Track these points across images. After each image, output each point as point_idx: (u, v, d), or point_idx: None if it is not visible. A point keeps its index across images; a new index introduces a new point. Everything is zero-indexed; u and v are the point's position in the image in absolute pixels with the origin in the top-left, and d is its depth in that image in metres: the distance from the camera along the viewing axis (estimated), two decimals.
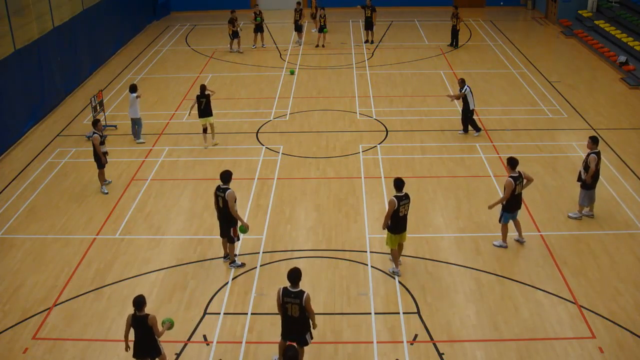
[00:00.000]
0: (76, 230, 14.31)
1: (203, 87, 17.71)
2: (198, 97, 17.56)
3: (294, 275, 9.51)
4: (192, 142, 18.47)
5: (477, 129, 18.46)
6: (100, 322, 11.36)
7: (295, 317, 9.55)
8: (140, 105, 18.58)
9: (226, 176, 12.33)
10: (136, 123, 18.44)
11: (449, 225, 14.10)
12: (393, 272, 12.39)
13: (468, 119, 18.32)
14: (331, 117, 20.24)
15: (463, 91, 17.94)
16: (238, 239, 12.74)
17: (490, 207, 13.24)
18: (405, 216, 12.05)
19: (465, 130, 18.52)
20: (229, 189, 12.24)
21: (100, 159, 15.50)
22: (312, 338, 9.89)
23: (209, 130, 18.09)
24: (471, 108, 18.10)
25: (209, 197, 15.39)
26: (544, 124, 19.41)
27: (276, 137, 18.83)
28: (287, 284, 9.57)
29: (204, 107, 17.58)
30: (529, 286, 12.04)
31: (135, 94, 18.06)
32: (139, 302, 9.31)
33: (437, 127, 19.15)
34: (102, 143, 15.60)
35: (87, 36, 24.42)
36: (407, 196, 11.99)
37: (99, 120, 15.72)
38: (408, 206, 12.06)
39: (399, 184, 11.89)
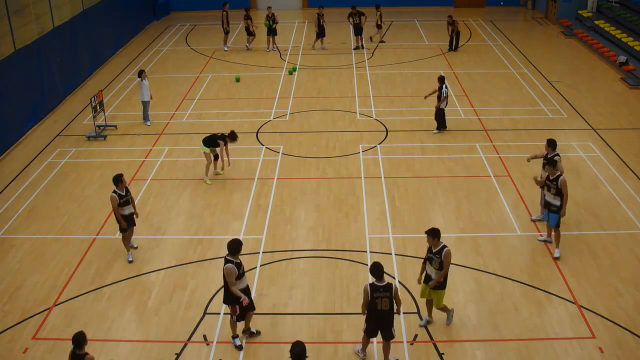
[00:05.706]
0: (76, 230, 14.31)
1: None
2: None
3: (378, 269, 9.54)
4: (192, 142, 18.45)
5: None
6: (100, 322, 11.36)
7: (386, 310, 9.67)
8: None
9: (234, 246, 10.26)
10: (145, 105, 19.63)
11: (449, 225, 14.09)
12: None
13: None
14: (331, 117, 20.24)
15: None
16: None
17: (564, 215, 12.61)
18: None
19: None
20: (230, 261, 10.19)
21: (119, 223, 12.76)
22: (395, 332, 10.00)
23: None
24: None
25: (209, 197, 15.40)
26: (544, 124, 19.41)
27: (276, 137, 18.82)
28: (372, 280, 9.61)
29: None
30: (529, 286, 12.05)
31: (139, 78, 19.21)
32: (78, 339, 8.63)
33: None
34: (124, 204, 12.58)
35: (87, 36, 24.40)
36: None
37: (120, 177, 12.53)
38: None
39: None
